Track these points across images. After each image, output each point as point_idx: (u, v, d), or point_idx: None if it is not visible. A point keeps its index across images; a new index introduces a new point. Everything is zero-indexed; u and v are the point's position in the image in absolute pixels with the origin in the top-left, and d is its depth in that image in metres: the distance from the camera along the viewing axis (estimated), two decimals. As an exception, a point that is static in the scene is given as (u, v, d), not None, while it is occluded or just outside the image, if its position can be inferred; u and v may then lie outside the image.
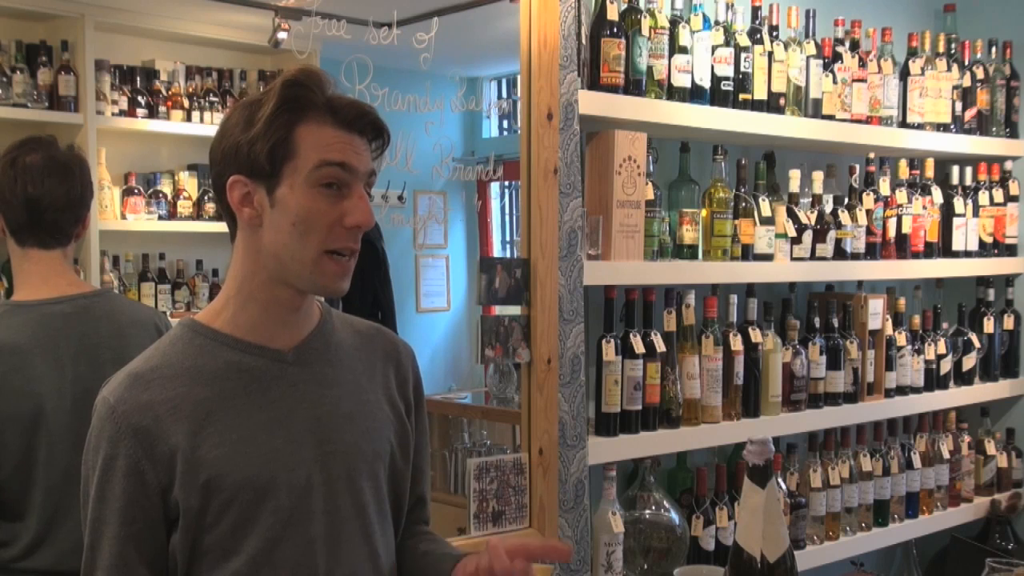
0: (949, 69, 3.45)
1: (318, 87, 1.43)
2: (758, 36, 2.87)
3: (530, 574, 1.48)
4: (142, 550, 1.39)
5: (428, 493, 1.74)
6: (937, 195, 3.43)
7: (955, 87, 3.48)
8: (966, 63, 3.54)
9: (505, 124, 2.68)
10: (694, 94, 2.71)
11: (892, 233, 3.27)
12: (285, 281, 1.46)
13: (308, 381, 1.50)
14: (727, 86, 2.78)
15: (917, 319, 3.39)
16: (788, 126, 2.94)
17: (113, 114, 2.84)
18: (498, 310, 2.44)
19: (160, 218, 2.97)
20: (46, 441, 2.05)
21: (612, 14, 2.52)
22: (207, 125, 2.99)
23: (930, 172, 3.44)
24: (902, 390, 3.31)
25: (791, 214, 2.97)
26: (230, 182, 1.43)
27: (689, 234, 2.74)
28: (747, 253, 2.86)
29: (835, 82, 3.09)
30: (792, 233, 2.96)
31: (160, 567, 1.42)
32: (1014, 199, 3.66)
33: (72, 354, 2.08)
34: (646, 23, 2.59)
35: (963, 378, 3.56)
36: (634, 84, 2.58)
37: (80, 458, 1.47)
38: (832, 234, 3.07)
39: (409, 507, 1.68)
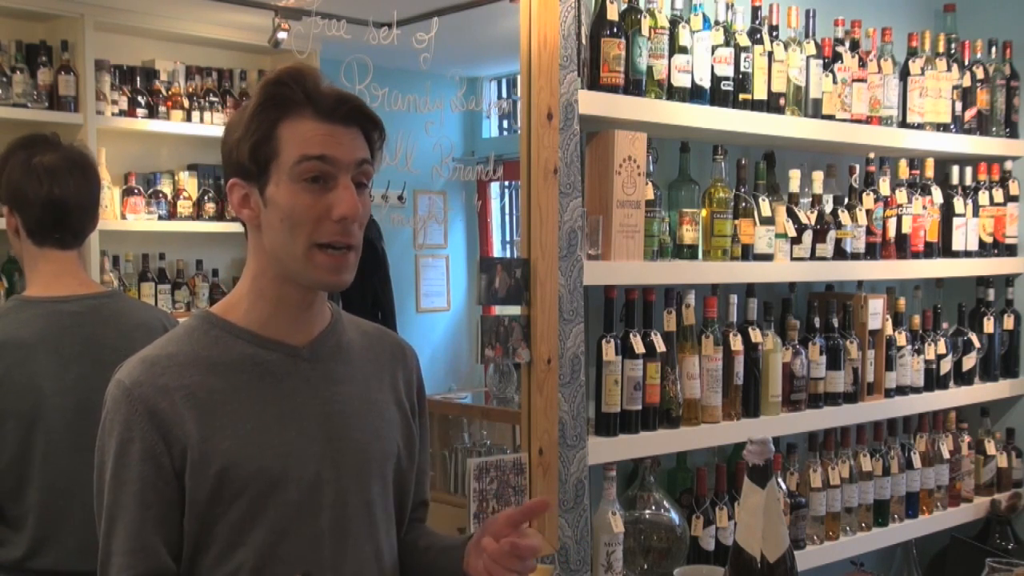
0: (949, 69, 3.45)
1: (298, 83, 1.42)
2: (758, 36, 2.87)
3: (526, 548, 1.47)
4: (161, 533, 1.40)
5: (428, 493, 1.75)
6: (937, 195, 3.43)
7: (955, 87, 3.48)
8: (966, 63, 3.54)
9: (505, 124, 2.68)
10: (694, 94, 2.71)
11: (892, 233, 3.27)
12: (290, 278, 1.47)
13: (321, 377, 1.51)
14: (727, 86, 2.78)
15: (917, 319, 3.39)
16: (788, 126, 2.94)
17: (113, 114, 2.84)
18: (498, 310, 2.44)
19: (160, 218, 2.97)
20: (44, 439, 2.05)
21: (612, 14, 2.52)
22: (207, 125, 2.99)
23: (930, 172, 3.44)
24: (902, 390, 3.31)
25: (791, 214, 2.97)
26: (229, 186, 1.46)
27: (689, 234, 2.74)
28: (747, 253, 2.86)
29: (835, 82, 3.08)
30: (792, 233, 2.96)
31: (177, 550, 1.42)
32: (1014, 199, 3.66)
33: (77, 353, 2.08)
34: (646, 23, 2.59)
35: (963, 378, 3.56)
36: (634, 84, 2.58)
37: (80, 459, 1.47)
38: (832, 234, 3.07)
39: (411, 508, 1.68)
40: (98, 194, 2.18)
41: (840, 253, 3.11)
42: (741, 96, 2.82)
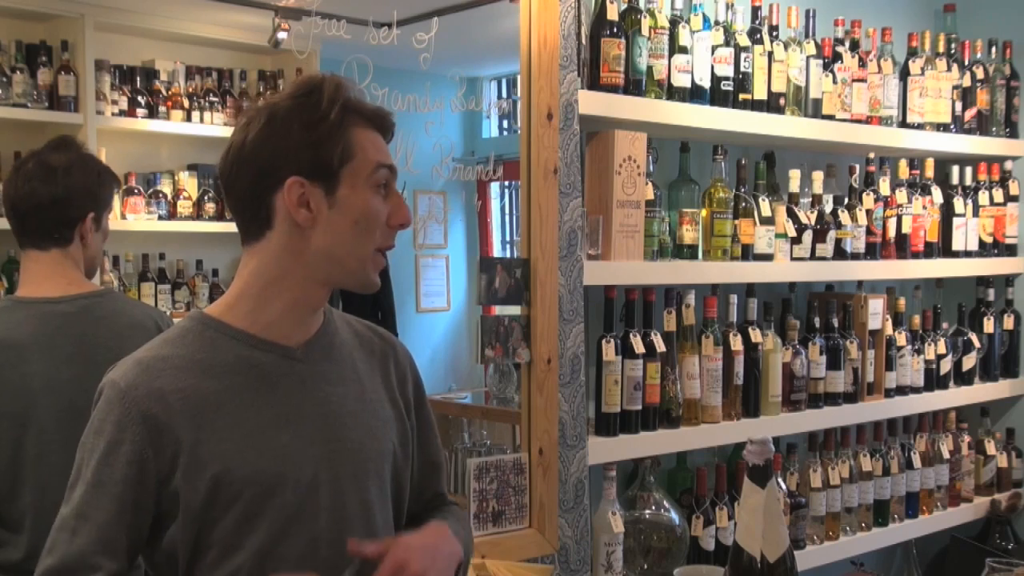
0: (949, 69, 3.45)
1: (359, 92, 1.49)
2: (758, 36, 2.87)
3: None
4: (129, 536, 1.40)
5: (444, 487, 1.75)
6: (937, 195, 3.43)
7: (955, 87, 3.48)
8: (966, 63, 3.54)
9: (505, 124, 2.68)
10: (694, 94, 2.71)
11: (892, 233, 3.27)
12: (327, 280, 1.49)
13: (316, 378, 1.51)
14: (727, 86, 2.78)
15: (917, 319, 3.39)
16: (788, 126, 2.94)
17: (113, 114, 2.83)
18: (498, 310, 2.44)
19: (160, 218, 2.96)
20: (36, 439, 2.04)
21: (612, 14, 2.52)
22: (207, 125, 2.99)
23: (930, 172, 3.44)
24: (902, 390, 3.31)
25: (791, 214, 2.97)
26: (289, 184, 1.42)
27: (689, 234, 2.74)
28: (747, 253, 2.86)
29: (835, 82, 3.08)
30: (792, 233, 2.96)
31: (135, 556, 1.43)
32: (1014, 199, 3.66)
33: (69, 353, 2.07)
34: (646, 23, 2.59)
35: (963, 378, 3.56)
36: (634, 84, 2.58)
37: (73, 459, 1.46)
38: (832, 234, 3.07)
39: (427, 501, 1.70)
40: (65, 196, 2.11)
41: (840, 253, 3.11)
42: (741, 96, 2.82)
